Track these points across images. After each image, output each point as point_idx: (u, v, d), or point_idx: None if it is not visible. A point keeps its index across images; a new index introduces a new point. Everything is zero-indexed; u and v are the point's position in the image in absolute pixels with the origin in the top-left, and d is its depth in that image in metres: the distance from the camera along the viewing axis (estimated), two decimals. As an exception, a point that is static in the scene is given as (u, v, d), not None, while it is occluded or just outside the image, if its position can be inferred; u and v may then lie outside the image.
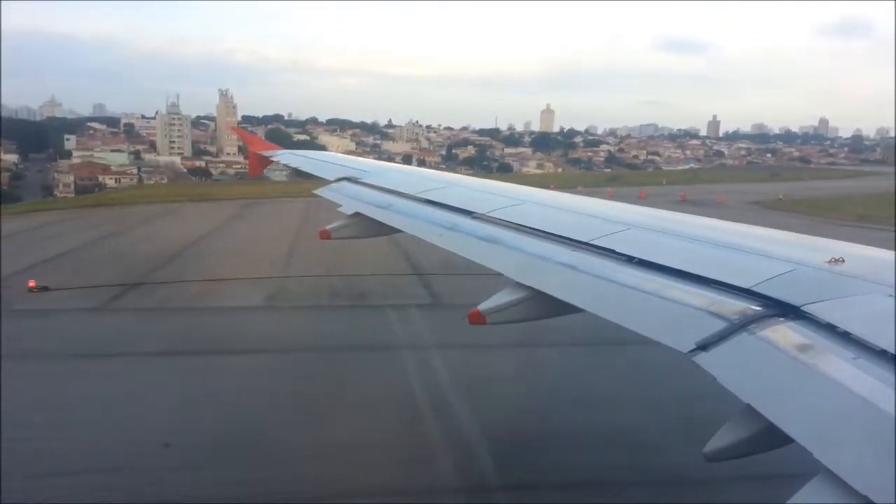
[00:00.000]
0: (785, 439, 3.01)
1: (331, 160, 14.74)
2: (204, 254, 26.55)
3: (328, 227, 9.29)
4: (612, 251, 5.47)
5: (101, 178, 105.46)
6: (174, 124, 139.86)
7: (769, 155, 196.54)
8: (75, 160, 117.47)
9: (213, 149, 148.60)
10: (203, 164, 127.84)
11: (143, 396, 11.93)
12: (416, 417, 11.22)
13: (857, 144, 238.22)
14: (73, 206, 48.79)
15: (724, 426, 3.49)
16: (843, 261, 4.39)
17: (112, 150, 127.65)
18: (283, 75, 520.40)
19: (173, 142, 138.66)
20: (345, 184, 11.06)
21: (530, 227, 6.57)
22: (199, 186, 79.36)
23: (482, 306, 5.44)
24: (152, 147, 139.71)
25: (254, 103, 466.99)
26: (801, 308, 3.86)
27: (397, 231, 8.43)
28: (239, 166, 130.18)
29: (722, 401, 3.56)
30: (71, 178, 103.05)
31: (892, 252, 4.67)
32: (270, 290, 20.08)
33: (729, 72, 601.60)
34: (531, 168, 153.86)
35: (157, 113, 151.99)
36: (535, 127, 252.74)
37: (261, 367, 13.69)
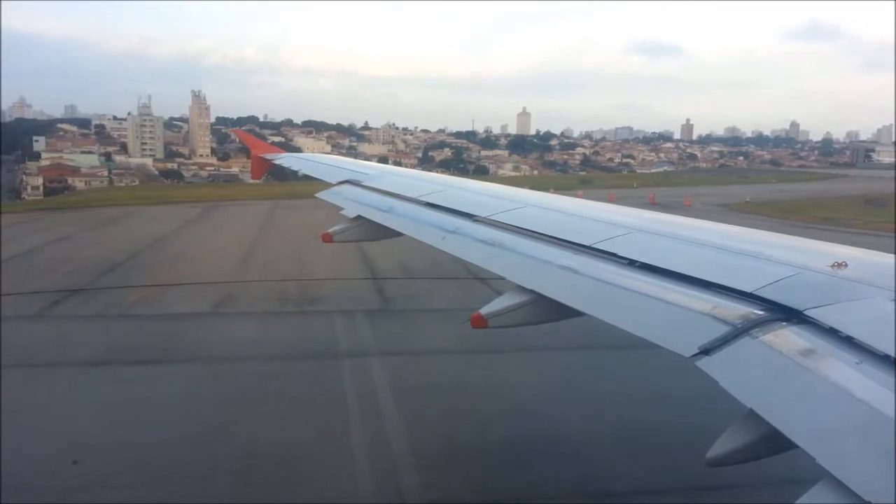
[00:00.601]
0: (788, 444, 2.99)
1: (333, 163, 14.72)
2: (156, 258, 26.08)
3: (330, 230, 9.31)
4: (615, 255, 5.45)
5: (70, 180, 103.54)
6: (146, 126, 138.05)
7: (741, 158, 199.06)
8: (44, 162, 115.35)
9: (186, 150, 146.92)
10: (175, 166, 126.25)
11: (49, 407, 11.56)
12: (327, 427, 11.03)
13: (826, 148, 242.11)
14: (38, 208, 48.05)
15: (727, 431, 3.48)
16: (846, 265, 4.33)
17: (82, 152, 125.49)
18: (259, 76, 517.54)
19: (145, 143, 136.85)
20: (346, 187, 11.05)
21: (532, 231, 6.57)
22: (169, 189, 78.26)
23: (484, 310, 5.43)
24: (124, 149, 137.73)
25: (228, 105, 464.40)
26: (804, 312, 3.83)
27: (399, 234, 8.37)
28: (212, 168, 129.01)
29: (724, 405, 3.53)
30: (39, 181, 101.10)
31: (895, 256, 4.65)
32: (217, 295, 19.68)
33: (702, 76, 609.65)
34: (507, 170, 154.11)
35: (129, 114, 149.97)
36: (512, 130, 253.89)
37: (186, 376, 13.28)
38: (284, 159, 16.64)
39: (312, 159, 16.36)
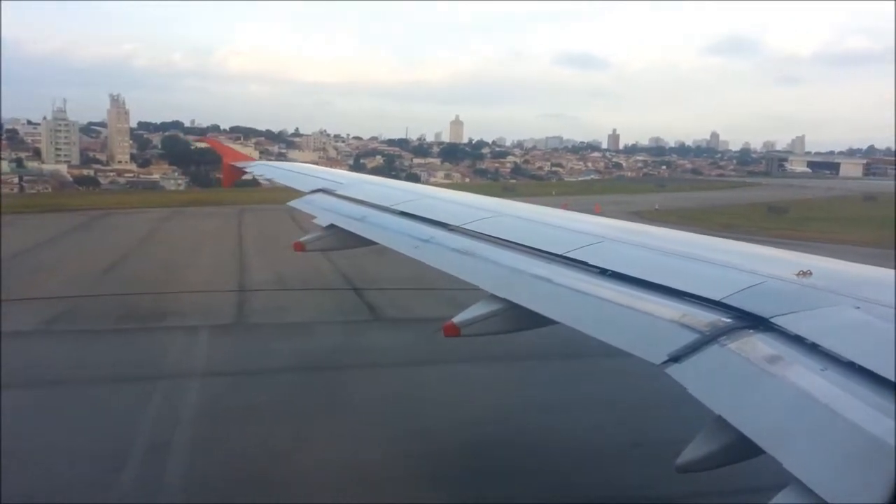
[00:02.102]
0: (756, 450, 3.00)
1: (306, 172, 14.53)
2: (9, 271, 23.52)
3: (303, 238, 9.17)
4: (586, 263, 5.48)
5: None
6: (60, 131, 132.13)
7: (664, 167, 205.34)
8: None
9: (104, 157, 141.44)
10: (92, 172, 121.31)
11: None
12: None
13: (744, 157, 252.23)
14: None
15: (696, 438, 3.46)
16: (811, 273, 4.41)
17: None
18: (187, 81, 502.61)
19: (59, 149, 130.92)
20: (320, 195, 10.93)
21: (505, 240, 6.57)
22: (75, 196, 75.23)
23: (457, 318, 5.39)
24: (37, 154, 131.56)
25: (155, 109, 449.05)
26: (770, 320, 3.89)
27: (373, 243, 8.32)
28: (131, 175, 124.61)
29: (693, 412, 3.54)
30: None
31: (859, 265, 4.77)
32: (54, 311, 18.39)
33: (628, 88, 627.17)
34: (439, 178, 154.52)
35: (43, 119, 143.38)
36: (446, 138, 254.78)
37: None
38: (256, 167, 16.45)
39: (284, 167, 16.13)
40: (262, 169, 16.15)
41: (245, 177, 18.03)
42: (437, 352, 14.41)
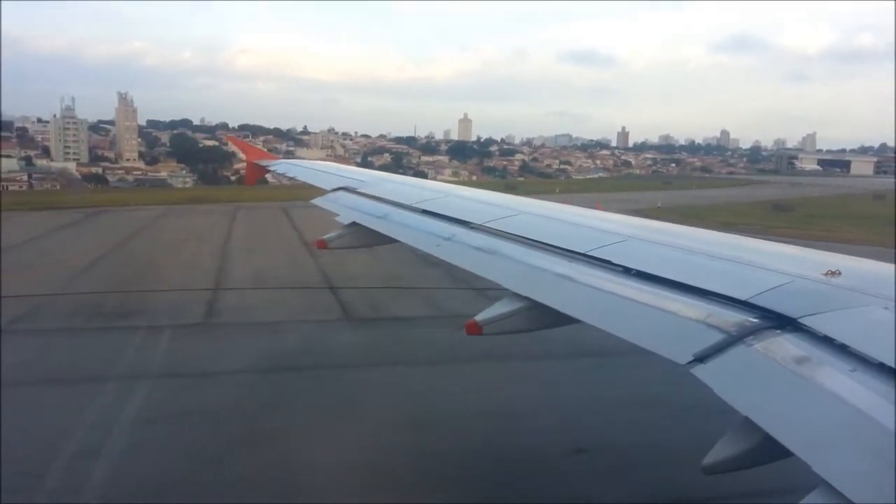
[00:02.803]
0: (783, 452, 2.96)
1: (328, 170, 14.69)
2: None
3: (325, 236, 9.21)
4: (610, 262, 5.43)
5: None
6: (69, 129, 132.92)
7: (673, 165, 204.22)
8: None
9: (112, 154, 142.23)
10: (100, 170, 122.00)
11: None
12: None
13: (755, 155, 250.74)
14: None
15: (723, 439, 3.43)
16: (840, 273, 4.35)
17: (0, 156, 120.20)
18: (196, 79, 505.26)
19: (68, 147, 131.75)
20: (342, 193, 10.99)
21: (528, 238, 6.54)
22: (87, 193, 75.77)
23: (479, 317, 5.36)
24: (46, 153, 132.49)
25: (164, 108, 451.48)
26: (798, 320, 3.83)
27: (394, 241, 8.34)
28: (139, 173, 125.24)
29: (719, 413, 3.51)
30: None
31: (890, 265, 4.65)
32: (17, 310, 18.18)
33: (637, 86, 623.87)
34: (447, 176, 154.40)
35: (53, 117, 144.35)
36: (455, 136, 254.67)
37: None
38: (279, 166, 16.67)
39: (307, 166, 16.30)
40: (284, 167, 16.31)
41: (268, 174, 18.32)
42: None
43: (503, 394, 13.00)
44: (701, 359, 3.77)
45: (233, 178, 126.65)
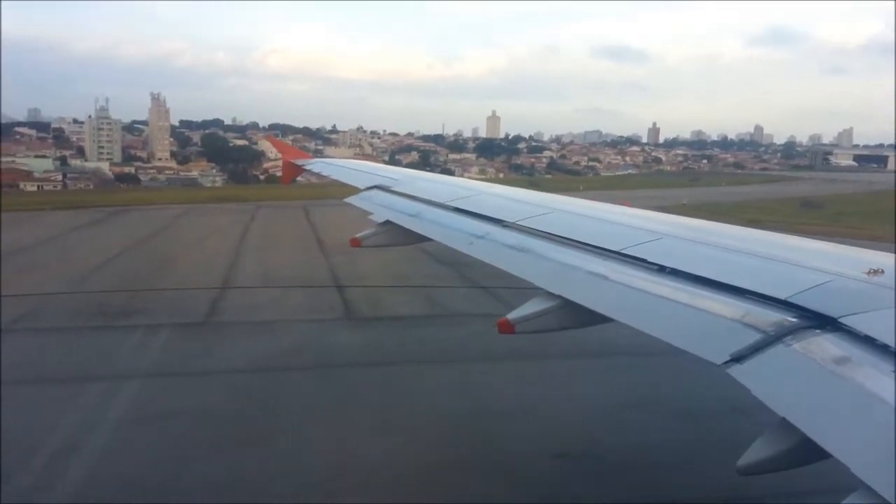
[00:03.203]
0: (821, 454, 2.92)
1: (362, 169, 14.74)
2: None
3: (358, 234, 9.28)
4: (644, 260, 5.37)
5: (22, 184, 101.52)
6: (103, 129, 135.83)
7: (705, 161, 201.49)
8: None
9: (145, 154, 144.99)
10: (132, 169, 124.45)
11: None
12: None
13: (789, 151, 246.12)
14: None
15: (759, 439, 3.41)
16: (883, 272, 4.27)
17: (36, 156, 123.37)
18: (228, 80, 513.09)
19: (102, 147, 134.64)
20: (375, 192, 11.04)
21: (561, 236, 6.53)
22: (115, 193, 77.37)
23: (511, 315, 5.36)
24: (81, 153, 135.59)
25: (197, 108, 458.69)
26: (839, 320, 3.75)
27: (427, 239, 8.36)
28: (171, 172, 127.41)
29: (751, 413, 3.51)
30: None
31: None
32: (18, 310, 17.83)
33: (669, 81, 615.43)
34: (473, 173, 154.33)
35: (88, 117, 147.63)
36: (483, 133, 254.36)
37: None
38: (314, 165, 16.82)
39: (342, 165, 16.39)
40: (319, 166, 16.49)
41: (304, 173, 18.43)
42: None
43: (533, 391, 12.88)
44: (738, 359, 3.70)
45: (262, 176, 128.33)
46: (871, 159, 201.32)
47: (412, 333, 17.12)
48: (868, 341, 3.48)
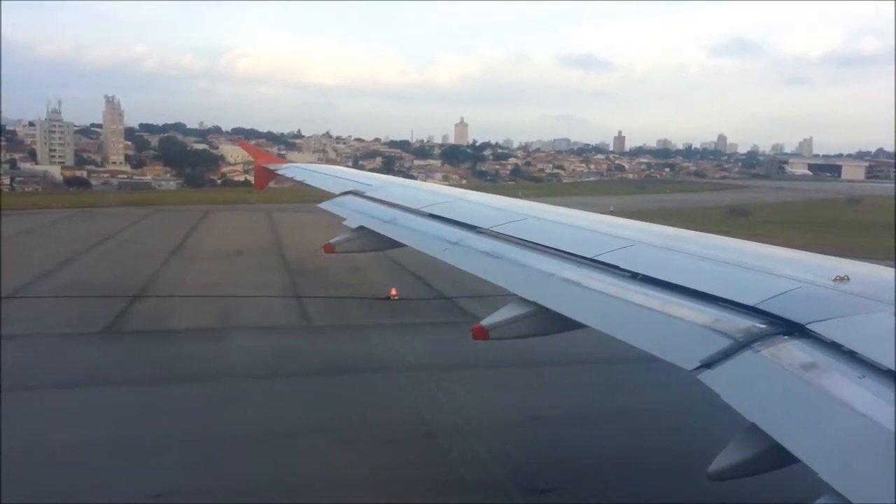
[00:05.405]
0: (790, 459, 2.93)
1: (336, 174, 14.68)
2: None
3: (332, 240, 9.16)
4: (617, 267, 5.40)
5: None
6: (55, 132, 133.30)
7: (667, 169, 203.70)
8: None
9: (99, 158, 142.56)
10: (85, 173, 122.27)
11: None
12: None
13: (750, 160, 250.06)
14: None
15: (729, 445, 3.41)
16: (849, 279, 4.29)
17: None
18: (197, 83, 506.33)
19: (54, 150, 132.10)
20: (350, 197, 10.98)
21: (535, 243, 6.55)
22: (57, 196, 76.02)
23: (486, 321, 5.36)
24: (33, 155, 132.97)
25: (164, 112, 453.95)
26: (806, 326, 3.79)
27: (401, 245, 8.33)
28: (124, 176, 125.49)
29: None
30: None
31: None
32: None
33: (634, 90, 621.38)
34: (437, 180, 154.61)
35: (39, 120, 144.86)
36: (451, 140, 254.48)
37: None
38: (287, 170, 16.70)
39: (315, 170, 16.23)
40: (293, 171, 16.33)
41: (277, 178, 18.18)
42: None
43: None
44: (708, 364, 3.73)
45: (219, 181, 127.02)
46: (825, 168, 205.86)
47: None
48: (835, 347, 3.53)
